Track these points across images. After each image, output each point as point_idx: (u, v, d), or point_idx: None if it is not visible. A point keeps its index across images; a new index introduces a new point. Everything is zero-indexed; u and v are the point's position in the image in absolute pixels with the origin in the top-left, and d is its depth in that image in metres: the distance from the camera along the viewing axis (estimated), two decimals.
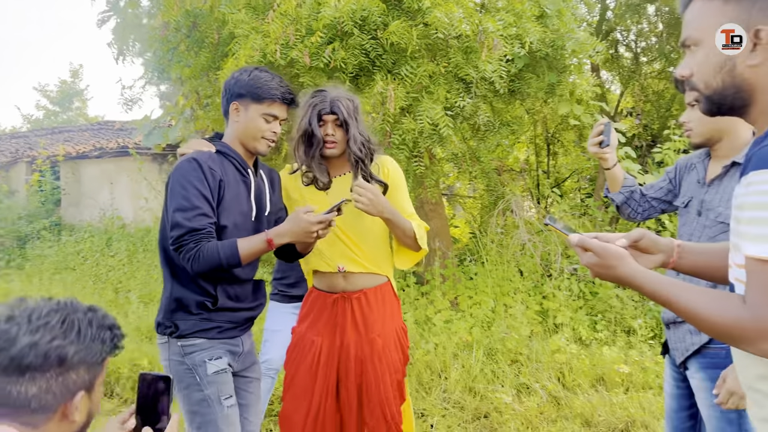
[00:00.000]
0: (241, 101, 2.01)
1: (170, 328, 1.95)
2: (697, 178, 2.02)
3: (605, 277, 1.22)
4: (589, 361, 4.06)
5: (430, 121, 4.02)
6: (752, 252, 1.00)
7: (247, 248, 1.89)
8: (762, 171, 0.97)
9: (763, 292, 0.98)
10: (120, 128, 14.35)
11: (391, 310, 2.34)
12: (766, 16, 1.05)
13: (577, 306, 5.23)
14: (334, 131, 2.19)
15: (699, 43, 1.11)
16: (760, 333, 0.98)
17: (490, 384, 3.89)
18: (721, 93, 1.10)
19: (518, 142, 9.30)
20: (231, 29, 4.25)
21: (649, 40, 8.00)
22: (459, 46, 4.09)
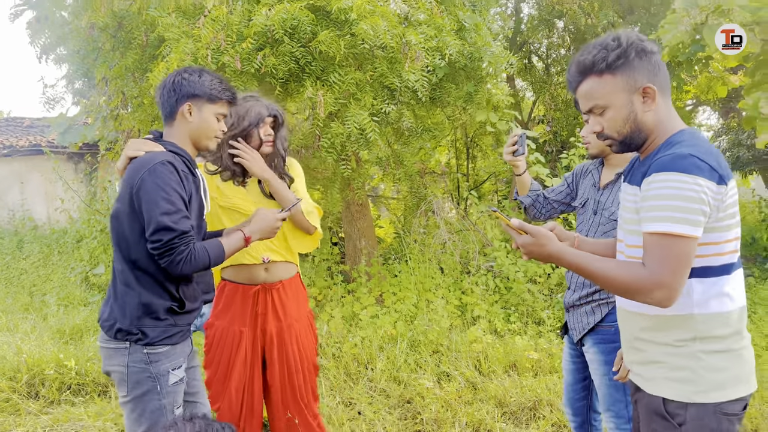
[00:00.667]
0: (194, 101, 2.05)
1: (136, 335, 1.96)
2: (592, 182, 2.38)
3: (537, 254, 1.57)
4: (503, 349, 4.41)
5: (357, 126, 4.25)
6: (649, 229, 1.44)
7: (229, 246, 2.03)
8: (659, 173, 1.43)
9: (657, 256, 1.41)
10: (30, 125, 13.68)
11: (303, 297, 2.61)
12: (645, 77, 1.52)
13: (493, 300, 5.61)
14: (271, 132, 2.44)
15: (606, 107, 1.55)
16: (654, 284, 1.40)
17: (414, 373, 4.17)
18: (630, 136, 1.57)
19: (440, 146, 9.73)
20: (161, 32, 4.31)
21: (559, 52, 8.59)
22: (384, 56, 4.34)
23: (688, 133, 1.52)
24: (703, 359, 1.48)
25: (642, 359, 1.60)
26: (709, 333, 1.48)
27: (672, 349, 1.51)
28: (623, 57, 1.50)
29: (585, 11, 7.30)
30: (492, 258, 6.04)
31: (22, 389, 4.05)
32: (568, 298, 2.38)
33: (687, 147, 1.44)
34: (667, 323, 1.52)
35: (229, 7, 4.28)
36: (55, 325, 5.49)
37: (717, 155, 1.45)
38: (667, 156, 1.43)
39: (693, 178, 1.39)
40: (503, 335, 4.93)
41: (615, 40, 1.52)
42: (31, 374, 4.16)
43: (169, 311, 2.01)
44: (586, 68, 1.55)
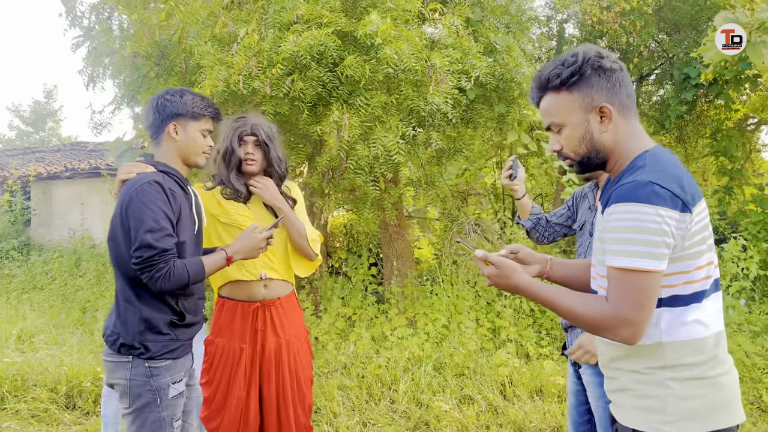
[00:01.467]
0: (178, 121, 2.14)
1: (139, 349, 2.02)
2: (588, 204, 2.35)
3: (502, 286, 1.53)
4: (530, 374, 4.33)
5: (384, 148, 4.31)
6: (611, 263, 1.38)
7: (210, 265, 2.08)
8: (618, 204, 1.37)
9: (620, 292, 1.36)
10: (92, 149, 14.42)
11: (299, 314, 2.68)
12: (603, 96, 1.47)
13: (526, 323, 5.52)
14: (254, 150, 2.52)
15: (562, 125, 1.51)
16: (619, 322, 1.35)
17: (435, 395, 4.14)
18: (587, 156, 1.51)
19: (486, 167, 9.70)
20: (198, 60, 4.51)
21: None
22: (409, 79, 4.40)
23: (650, 156, 1.43)
24: (672, 387, 1.39)
25: (614, 387, 1.53)
26: (678, 361, 1.40)
27: (640, 376, 1.44)
28: (578, 74, 1.45)
29: (627, 30, 7.18)
30: None
31: (61, 400, 4.24)
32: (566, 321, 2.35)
33: (648, 173, 1.36)
34: (635, 352, 1.45)
35: (261, 35, 4.45)
36: (99, 340, 5.72)
37: (680, 179, 1.37)
38: (627, 185, 1.36)
39: (654, 208, 1.32)
40: (534, 359, 4.84)
41: (573, 56, 1.48)
42: (70, 386, 4.35)
43: (170, 325, 2.08)
44: (542, 84, 1.52)
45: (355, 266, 7.21)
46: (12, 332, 6.05)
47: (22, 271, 9.98)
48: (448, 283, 6.04)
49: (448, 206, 6.10)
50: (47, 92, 27.02)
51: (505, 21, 5.72)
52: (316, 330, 5.40)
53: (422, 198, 6.30)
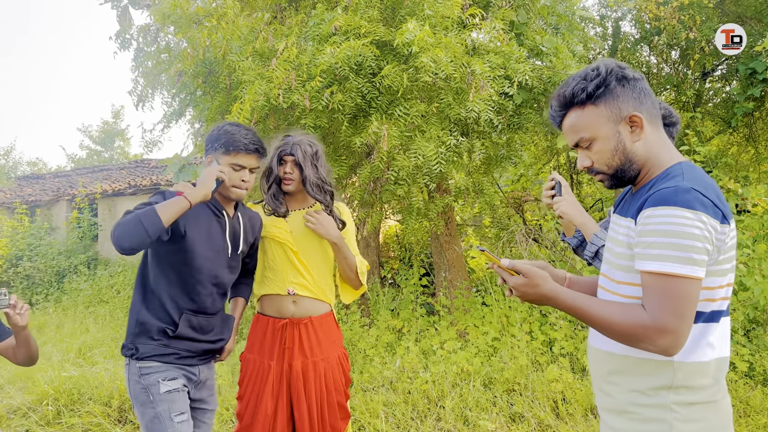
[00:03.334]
0: (213, 154, 2.24)
1: (132, 350, 2.13)
2: None
3: (530, 296, 1.43)
4: (584, 390, 4.10)
5: (424, 158, 4.22)
6: (648, 267, 1.29)
7: (164, 206, 1.98)
8: (658, 207, 1.29)
9: (659, 299, 1.27)
10: (155, 166, 14.96)
11: (333, 337, 2.57)
12: (631, 105, 1.41)
13: (583, 335, 5.26)
14: (292, 170, 2.48)
15: (592, 139, 1.45)
16: (658, 331, 1.26)
17: (484, 413, 3.98)
18: (621, 167, 1.45)
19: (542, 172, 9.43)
20: (239, 76, 4.56)
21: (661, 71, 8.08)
22: (448, 87, 4.29)
23: (687, 166, 1.37)
24: (677, 411, 1.32)
25: (609, 405, 1.44)
26: (686, 383, 1.32)
27: (643, 397, 1.35)
28: (603, 86, 1.40)
29: (686, 25, 6.82)
30: None
31: (114, 414, 4.33)
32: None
33: (688, 180, 1.29)
34: (639, 367, 1.36)
35: (300, 48, 4.44)
36: None
37: (718, 191, 1.30)
38: (667, 189, 1.28)
39: (696, 214, 1.24)
40: (582, 376, 4.59)
41: (594, 69, 1.42)
42: (122, 400, 4.44)
43: (161, 332, 2.14)
44: (566, 101, 1.45)
45: (406, 277, 7.12)
46: (74, 346, 6.27)
47: (88, 285, 10.39)
48: (501, 294, 5.85)
49: (499, 214, 5.92)
50: (115, 112, 28.25)
51: (553, 22, 5.53)
52: (363, 343, 5.32)
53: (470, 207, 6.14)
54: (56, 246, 12.02)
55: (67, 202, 13.82)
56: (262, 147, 2.27)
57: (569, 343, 5.07)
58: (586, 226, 2.10)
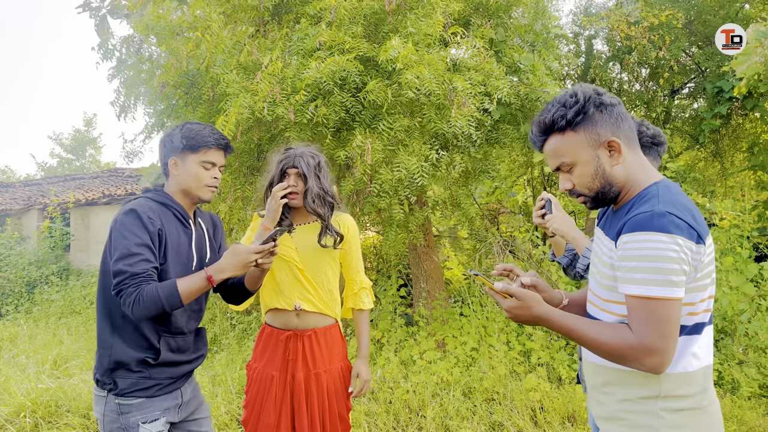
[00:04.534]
0: (178, 155, 2.08)
1: (109, 384, 1.98)
2: None
3: (522, 318, 1.49)
4: (562, 399, 4.22)
5: (407, 171, 4.30)
6: (630, 291, 1.37)
7: (186, 287, 1.89)
8: (635, 233, 1.36)
9: (643, 321, 1.35)
10: (129, 175, 14.80)
11: (337, 349, 2.60)
12: (609, 130, 1.48)
13: (559, 346, 5.39)
14: (296, 183, 2.48)
15: (573, 164, 1.52)
16: (644, 352, 1.34)
17: (465, 421, 4.06)
18: (601, 191, 1.52)
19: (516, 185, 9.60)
20: (223, 88, 4.60)
21: (632, 88, 8.33)
22: (431, 103, 4.40)
23: (662, 187, 1.44)
24: (664, 417, 1.41)
25: (603, 413, 1.53)
26: (673, 392, 1.41)
27: (633, 405, 1.45)
28: (582, 113, 1.46)
29: (656, 45, 7.06)
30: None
31: (93, 426, 4.29)
32: (581, 349, 2.27)
33: (663, 203, 1.37)
34: (629, 379, 1.45)
35: (285, 62, 4.51)
36: None
37: (693, 211, 1.39)
38: (643, 214, 1.36)
39: (672, 237, 1.32)
40: (567, 383, 4.71)
41: (573, 96, 1.49)
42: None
43: (142, 363, 1.98)
44: (546, 127, 1.52)
45: (384, 288, 7.18)
46: (48, 357, 6.18)
47: (61, 295, 10.22)
48: (478, 305, 5.96)
49: (476, 226, 6.03)
50: (87, 121, 27.85)
51: (530, 39, 5.69)
52: None
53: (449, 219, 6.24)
54: (27, 256, 11.80)
55: (39, 211, 13.58)
56: (229, 144, 2.19)
57: (546, 353, 5.19)
58: (577, 241, 2.19)
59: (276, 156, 2.59)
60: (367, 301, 2.64)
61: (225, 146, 2.15)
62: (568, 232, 2.21)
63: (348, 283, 2.68)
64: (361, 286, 2.64)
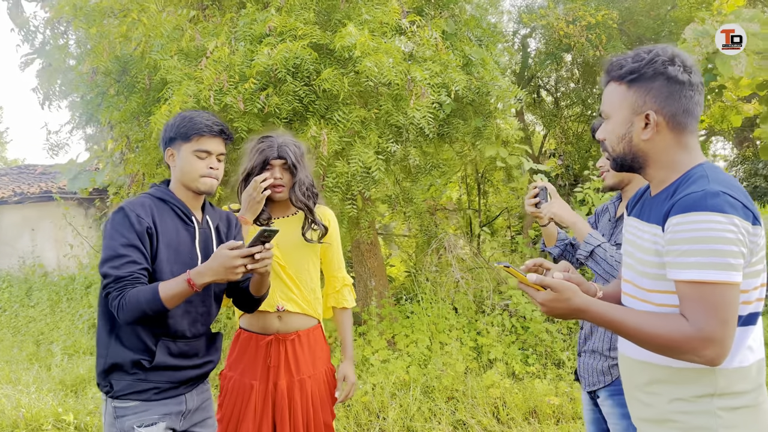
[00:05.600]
0: (173, 146, 1.99)
1: (106, 387, 1.89)
2: (609, 217, 2.23)
3: (559, 311, 1.35)
4: (522, 394, 4.18)
5: (363, 164, 4.14)
6: (684, 277, 1.25)
7: (168, 291, 1.75)
8: (688, 213, 1.25)
9: (700, 309, 1.22)
10: (43, 172, 13.77)
11: (321, 352, 2.41)
12: (656, 103, 1.36)
13: (509, 341, 5.38)
14: (282, 175, 2.28)
15: (609, 117, 1.43)
16: (703, 342, 1.21)
17: (428, 422, 3.94)
18: (622, 157, 1.43)
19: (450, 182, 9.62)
20: (163, 75, 4.27)
21: (568, 86, 8.52)
22: (389, 93, 4.25)
23: (709, 167, 1.35)
24: (722, 417, 1.29)
25: (651, 416, 1.40)
26: (729, 389, 1.30)
27: (686, 404, 1.33)
28: (637, 72, 1.36)
29: (593, 44, 7.24)
30: (507, 296, 5.83)
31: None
32: (581, 344, 2.20)
33: (715, 183, 1.27)
34: (682, 376, 1.33)
35: (231, 48, 4.23)
36: (57, 376, 5.33)
37: (745, 192, 1.29)
38: (695, 194, 1.26)
39: (728, 217, 1.22)
40: (521, 379, 4.69)
41: (647, 52, 1.37)
42: (30, 429, 3.99)
43: (136, 365, 1.87)
44: (608, 70, 1.44)
45: None
46: None
47: None
48: (428, 302, 5.87)
49: (425, 222, 5.95)
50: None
51: (478, 34, 5.65)
52: None
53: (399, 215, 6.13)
54: None
55: None
56: (227, 130, 2.01)
57: (497, 349, 5.16)
58: (577, 225, 2.11)
59: (253, 145, 2.36)
60: (350, 299, 2.47)
61: (220, 132, 1.99)
62: (566, 217, 2.13)
63: (329, 280, 2.49)
64: (344, 283, 2.47)
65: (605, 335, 2.07)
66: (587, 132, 8.58)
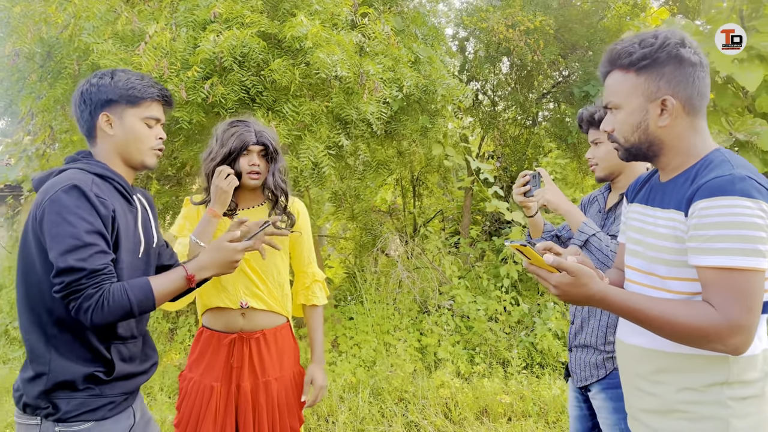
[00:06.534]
0: (111, 109, 1.68)
1: (47, 408, 1.57)
2: (598, 208, 2.21)
3: (574, 296, 1.28)
4: (473, 393, 4.15)
5: (313, 159, 3.99)
6: (711, 263, 1.20)
7: (162, 288, 1.58)
8: (715, 198, 1.20)
9: (728, 296, 1.18)
10: None
11: (289, 352, 2.27)
12: (671, 88, 1.31)
13: (454, 341, 5.36)
14: (259, 161, 2.15)
15: (619, 107, 1.38)
16: (731, 331, 1.17)
17: (379, 425, 3.83)
18: (638, 146, 1.39)
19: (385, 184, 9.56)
20: (95, 60, 3.96)
21: (505, 90, 8.66)
22: (341, 86, 4.13)
23: (728, 153, 1.33)
24: (732, 407, 1.28)
25: (655, 407, 1.36)
26: (740, 377, 1.29)
27: (696, 394, 1.30)
28: (650, 58, 1.32)
29: (531, 48, 7.37)
30: (451, 296, 5.82)
31: None
32: (572, 339, 2.16)
33: (739, 167, 1.25)
34: (690, 364, 1.30)
35: (173, 34, 3.98)
36: None
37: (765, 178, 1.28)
38: (722, 178, 1.23)
39: (757, 203, 1.19)
40: (469, 378, 4.67)
41: (654, 37, 1.33)
42: None
43: (90, 379, 1.59)
44: (612, 58, 1.39)
45: None
46: None
47: None
48: (371, 302, 5.77)
49: (370, 221, 5.85)
50: None
51: (424, 32, 5.62)
52: None
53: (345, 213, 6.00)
54: None
55: None
56: (170, 95, 1.79)
57: (442, 348, 5.12)
58: (572, 213, 2.07)
59: (225, 128, 2.18)
60: (321, 296, 2.34)
61: (168, 99, 1.76)
62: (560, 204, 2.08)
63: (298, 275, 2.35)
64: (314, 279, 2.33)
65: (598, 329, 2.04)
66: (524, 135, 8.74)
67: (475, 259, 6.91)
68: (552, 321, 5.27)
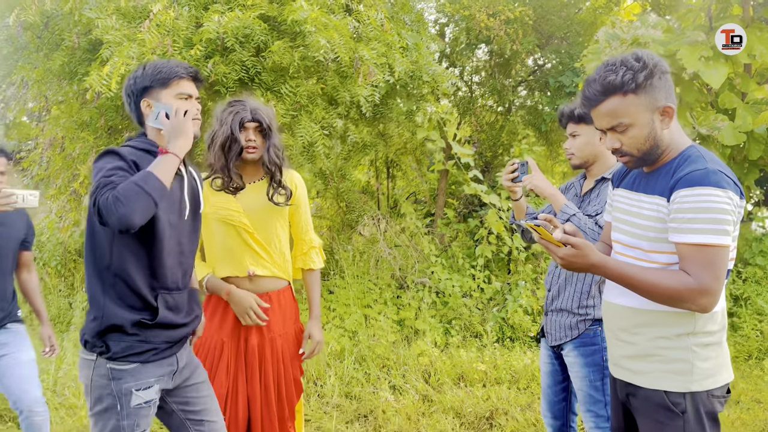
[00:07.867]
0: (149, 95, 1.92)
1: (101, 347, 1.85)
2: (575, 193, 2.50)
3: (577, 266, 1.59)
4: (450, 362, 4.48)
5: (309, 138, 4.21)
6: (688, 240, 1.52)
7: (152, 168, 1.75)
8: (694, 187, 1.52)
9: (701, 266, 1.51)
10: None
11: (290, 312, 2.54)
12: (666, 96, 1.61)
13: (430, 314, 5.68)
14: (255, 137, 2.36)
15: (630, 125, 1.62)
16: (701, 293, 1.50)
17: (365, 387, 4.13)
18: (649, 152, 1.65)
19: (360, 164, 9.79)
20: (97, 35, 4.09)
21: (480, 75, 8.94)
22: (336, 70, 4.34)
23: (701, 149, 1.64)
24: (696, 352, 1.60)
25: (634, 353, 1.69)
26: (703, 329, 1.61)
27: (667, 342, 1.62)
28: (650, 77, 1.58)
29: (511, 38, 7.65)
30: (428, 273, 6.12)
31: None
32: (549, 304, 2.47)
33: (711, 163, 1.56)
34: (665, 319, 1.62)
35: (176, 12, 4.13)
36: None
37: (732, 171, 1.59)
38: (699, 171, 1.53)
39: (725, 192, 1.50)
40: (444, 349, 5.00)
41: (638, 60, 1.59)
42: None
43: (137, 325, 1.85)
44: (613, 88, 1.59)
45: None
46: None
47: None
48: (352, 277, 6.04)
49: (355, 199, 6.11)
50: None
51: (412, 18, 5.84)
52: None
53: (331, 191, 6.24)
54: None
55: None
56: (198, 72, 2.01)
57: (419, 322, 5.44)
58: (555, 197, 2.36)
59: (223, 108, 2.41)
60: (318, 261, 2.59)
61: (195, 75, 1.99)
62: (546, 189, 2.37)
63: (297, 242, 2.60)
64: (311, 245, 2.58)
65: (574, 294, 2.35)
66: (499, 121, 9.06)
67: (450, 239, 7.23)
68: (523, 298, 5.63)
